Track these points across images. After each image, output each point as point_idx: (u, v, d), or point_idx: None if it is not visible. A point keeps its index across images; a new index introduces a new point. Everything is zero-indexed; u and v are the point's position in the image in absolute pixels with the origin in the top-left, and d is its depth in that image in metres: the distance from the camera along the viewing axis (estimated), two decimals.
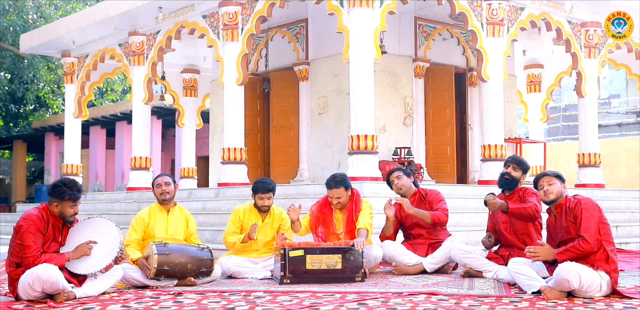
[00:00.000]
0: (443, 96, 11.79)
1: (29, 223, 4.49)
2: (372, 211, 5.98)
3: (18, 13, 21.85)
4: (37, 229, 4.50)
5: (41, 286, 4.34)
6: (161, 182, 5.70)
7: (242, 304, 4.28)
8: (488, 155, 9.94)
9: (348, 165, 8.89)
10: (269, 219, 6.07)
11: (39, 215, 4.57)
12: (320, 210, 6.06)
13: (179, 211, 5.81)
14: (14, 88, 23.39)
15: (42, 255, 4.47)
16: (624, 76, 22.16)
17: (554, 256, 4.56)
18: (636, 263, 6.83)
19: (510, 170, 5.54)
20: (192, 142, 15.04)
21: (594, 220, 4.49)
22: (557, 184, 4.71)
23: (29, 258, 4.43)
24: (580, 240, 4.46)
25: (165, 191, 5.69)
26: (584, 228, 4.48)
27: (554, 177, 4.75)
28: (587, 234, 4.45)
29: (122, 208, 11.43)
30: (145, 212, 5.75)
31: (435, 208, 6.04)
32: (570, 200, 4.67)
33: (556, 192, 4.69)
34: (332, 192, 5.93)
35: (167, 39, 11.69)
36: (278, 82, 12.20)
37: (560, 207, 4.70)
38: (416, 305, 4.14)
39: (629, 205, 10.47)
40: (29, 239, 4.45)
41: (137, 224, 5.66)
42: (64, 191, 4.62)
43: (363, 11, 8.85)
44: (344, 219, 5.97)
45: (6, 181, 26.59)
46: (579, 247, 4.46)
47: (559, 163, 16.28)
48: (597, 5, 10.90)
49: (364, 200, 6.05)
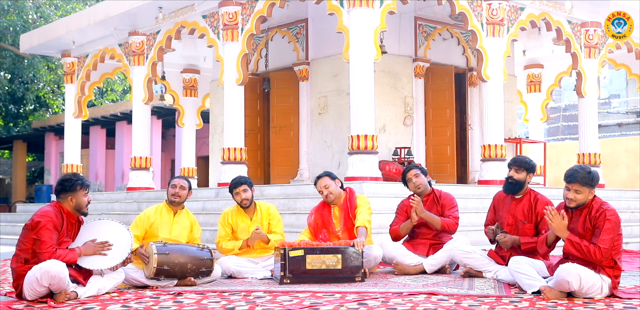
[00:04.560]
0: (443, 96, 11.79)
1: (47, 219, 4.56)
2: (370, 206, 5.97)
3: (18, 13, 21.84)
4: (54, 225, 4.57)
5: (49, 281, 4.36)
6: (177, 184, 5.71)
7: (242, 304, 4.28)
8: (488, 155, 9.94)
9: (348, 165, 8.89)
10: (257, 216, 6.08)
11: (55, 212, 4.65)
12: (320, 212, 6.06)
13: (185, 215, 5.81)
14: (14, 88, 23.39)
15: (57, 251, 4.54)
16: (624, 76, 22.16)
17: (564, 235, 4.46)
18: (636, 263, 6.84)
19: (513, 173, 5.42)
20: (192, 142, 15.05)
21: (614, 233, 4.41)
22: (585, 193, 4.51)
23: (44, 253, 4.48)
24: (596, 247, 4.37)
25: (177, 193, 5.70)
26: (602, 239, 4.38)
27: (583, 186, 4.51)
28: (603, 245, 4.37)
29: (122, 208, 11.43)
30: (152, 210, 5.74)
31: (447, 214, 6.01)
32: (594, 207, 4.51)
33: (579, 200, 4.53)
34: (319, 184, 5.96)
35: (167, 39, 11.69)
36: (278, 82, 12.20)
37: (581, 210, 4.57)
38: (416, 305, 4.14)
39: (629, 205, 10.48)
40: (45, 235, 4.51)
41: (140, 221, 5.67)
42: (74, 182, 4.73)
43: (363, 11, 8.85)
44: (342, 216, 5.97)
45: (6, 181, 26.59)
46: (590, 252, 4.37)
47: (559, 163, 16.28)
48: (597, 5, 10.90)
49: (360, 196, 6.04)
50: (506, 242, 5.31)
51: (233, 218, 6.08)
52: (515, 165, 5.44)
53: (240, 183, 6.01)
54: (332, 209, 6.04)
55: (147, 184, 12.36)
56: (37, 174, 27.15)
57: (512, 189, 5.44)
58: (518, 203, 5.43)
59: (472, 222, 8.09)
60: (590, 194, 4.54)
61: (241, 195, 6.00)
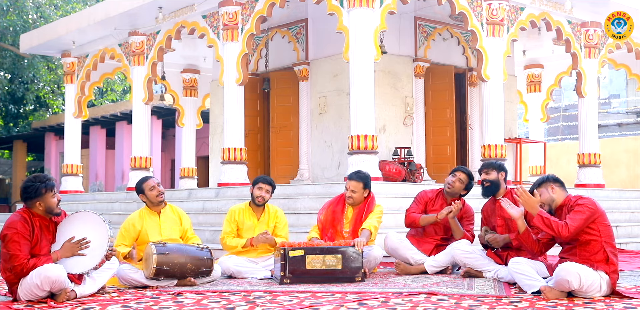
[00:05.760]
0: (443, 96, 11.79)
1: (13, 232, 4.40)
2: (382, 216, 5.98)
3: (18, 13, 21.85)
4: (22, 236, 4.41)
5: (50, 286, 4.35)
6: (155, 184, 5.61)
7: (242, 304, 4.28)
8: (488, 155, 9.93)
9: (348, 165, 8.89)
10: (265, 217, 6.08)
11: (22, 221, 4.47)
12: (332, 208, 6.05)
13: (170, 211, 5.74)
14: (14, 88, 23.39)
15: (30, 261, 4.40)
16: (624, 76, 22.16)
17: (534, 211, 4.49)
18: (636, 263, 6.84)
19: (484, 176, 5.66)
20: (192, 142, 15.04)
21: (584, 215, 4.43)
22: (545, 193, 4.65)
23: (17, 267, 4.38)
24: (564, 224, 4.42)
25: (162, 192, 5.64)
26: (571, 218, 4.44)
27: (542, 188, 4.67)
28: (571, 223, 4.41)
29: (122, 208, 11.42)
30: (135, 217, 5.61)
31: (466, 229, 6.07)
32: (572, 201, 4.62)
33: (545, 200, 4.64)
34: (350, 184, 5.94)
35: (167, 39, 11.69)
36: (278, 82, 12.20)
37: (561, 209, 4.66)
38: (416, 305, 4.14)
39: (629, 205, 10.47)
40: (14, 248, 4.38)
41: (126, 231, 5.54)
42: (38, 187, 4.51)
43: (363, 11, 8.85)
44: (353, 218, 5.96)
45: (6, 181, 26.59)
46: (558, 227, 4.42)
47: (558, 163, 16.27)
48: (597, 5, 10.90)
49: (378, 204, 6.03)
50: (496, 239, 5.45)
51: (240, 216, 6.07)
52: (484, 169, 5.71)
53: (269, 183, 6.04)
54: (346, 209, 6.02)
55: None
56: None
57: (490, 189, 5.65)
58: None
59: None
60: (560, 189, 4.66)
61: (263, 191, 6.00)
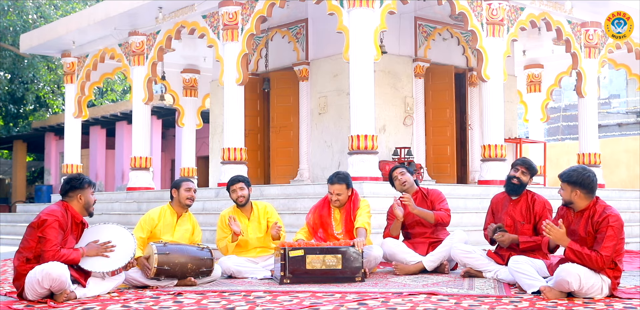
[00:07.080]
0: (443, 96, 11.79)
1: (54, 218, 4.55)
2: (370, 210, 5.98)
3: (18, 13, 21.84)
4: (60, 224, 4.57)
5: (49, 284, 4.36)
6: (192, 187, 5.76)
7: (242, 304, 4.28)
8: (488, 155, 9.95)
9: (348, 165, 8.89)
10: (254, 215, 6.10)
11: (62, 211, 4.65)
12: (319, 212, 6.06)
13: (188, 218, 5.83)
14: (14, 88, 23.37)
15: (61, 249, 4.53)
16: (624, 76, 22.17)
17: (564, 244, 4.42)
18: (636, 263, 6.84)
19: (520, 175, 5.39)
20: (192, 142, 15.05)
21: (616, 240, 4.35)
22: (567, 191, 4.48)
23: (48, 251, 4.47)
24: (597, 254, 4.31)
25: (192, 197, 5.77)
26: (604, 247, 4.31)
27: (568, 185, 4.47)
28: (605, 253, 4.31)
29: (122, 208, 11.42)
30: (156, 212, 5.73)
31: (438, 208, 6.03)
32: (597, 211, 4.43)
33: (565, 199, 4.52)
34: (334, 188, 5.93)
35: (167, 39, 11.69)
36: (278, 82, 12.20)
37: (581, 213, 4.51)
38: (416, 305, 4.14)
39: (629, 205, 10.47)
40: (50, 233, 4.51)
41: (145, 223, 5.66)
42: (82, 179, 4.77)
43: (363, 11, 8.85)
44: (343, 219, 5.97)
45: (6, 181, 26.59)
46: (592, 260, 4.31)
47: (559, 163, 16.26)
48: (597, 5, 10.90)
49: (362, 199, 6.06)
50: (504, 240, 5.33)
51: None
52: (524, 167, 5.41)
53: (238, 181, 6.06)
54: (333, 211, 6.04)
55: (147, 184, 12.37)
56: (37, 174, 27.15)
57: (516, 189, 5.43)
58: (516, 204, 5.44)
59: (472, 222, 8.09)
60: (586, 197, 4.47)
61: (237, 192, 6.03)
